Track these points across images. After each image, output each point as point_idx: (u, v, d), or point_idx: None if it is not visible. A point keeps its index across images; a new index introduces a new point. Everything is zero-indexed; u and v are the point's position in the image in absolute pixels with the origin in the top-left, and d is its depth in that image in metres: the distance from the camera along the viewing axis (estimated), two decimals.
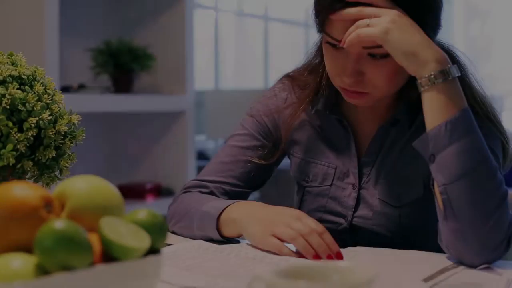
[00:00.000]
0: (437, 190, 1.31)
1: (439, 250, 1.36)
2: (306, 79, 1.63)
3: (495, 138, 1.45)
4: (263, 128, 1.64)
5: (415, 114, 1.50)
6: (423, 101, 1.33)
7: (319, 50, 1.57)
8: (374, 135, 1.54)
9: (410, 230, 1.51)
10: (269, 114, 1.64)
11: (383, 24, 1.32)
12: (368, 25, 1.33)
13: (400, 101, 1.52)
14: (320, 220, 1.57)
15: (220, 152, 1.65)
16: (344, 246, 1.44)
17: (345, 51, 1.40)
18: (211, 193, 1.60)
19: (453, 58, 1.49)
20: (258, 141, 1.63)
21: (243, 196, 1.62)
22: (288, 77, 1.68)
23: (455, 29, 8.07)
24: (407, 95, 1.49)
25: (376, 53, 1.37)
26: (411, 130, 1.51)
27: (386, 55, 1.36)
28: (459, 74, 1.33)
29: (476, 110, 1.45)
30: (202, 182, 1.62)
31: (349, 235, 1.55)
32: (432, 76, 1.30)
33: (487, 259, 1.27)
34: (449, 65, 1.32)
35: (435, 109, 1.31)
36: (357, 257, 1.35)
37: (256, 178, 1.63)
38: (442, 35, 1.55)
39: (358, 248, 1.41)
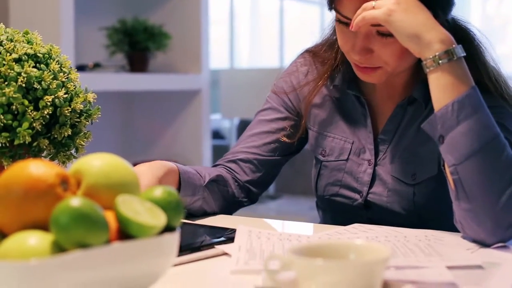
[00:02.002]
0: (448, 171, 1.31)
1: (453, 229, 1.35)
2: (325, 54, 1.66)
3: (510, 117, 1.45)
4: (285, 102, 1.68)
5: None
6: (429, 82, 1.33)
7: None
8: (391, 114, 1.55)
9: (424, 208, 1.51)
10: (292, 89, 1.68)
11: (387, 6, 1.32)
12: (373, 7, 1.33)
13: (417, 78, 1.52)
14: (336, 195, 1.59)
15: (247, 128, 1.70)
16: (358, 222, 1.46)
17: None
18: (234, 161, 1.65)
19: (468, 35, 1.50)
20: (281, 113, 1.67)
21: (269, 165, 1.66)
22: (309, 52, 1.71)
23: (471, 8, 8.01)
24: (424, 72, 1.49)
25: (384, 31, 1.38)
26: (427, 109, 1.51)
27: None
28: (464, 54, 1.31)
29: (489, 88, 1.45)
30: (229, 155, 1.67)
31: (364, 211, 1.56)
32: (437, 57, 1.30)
33: (502, 238, 1.26)
34: (453, 45, 1.31)
35: (441, 90, 1.30)
36: (372, 235, 1.34)
37: (279, 149, 1.66)
38: (458, 14, 1.54)
39: (373, 226, 1.41)
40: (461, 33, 1.49)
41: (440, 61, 1.30)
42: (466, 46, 1.40)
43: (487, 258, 1.18)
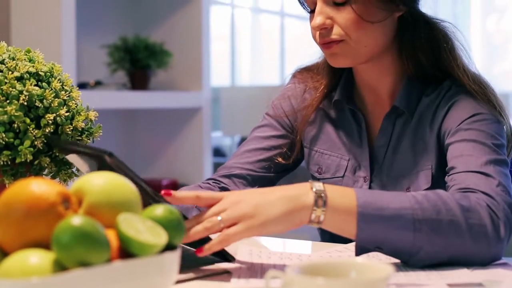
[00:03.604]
0: None
1: None
2: (321, 72, 1.67)
3: (492, 122, 1.44)
4: (282, 119, 1.69)
5: (415, 102, 1.54)
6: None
7: None
8: (380, 128, 1.57)
9: None
10: (290, 107, 1.69)
11: None
12: None
13: (400, 83, 1.56)
14: None
15: (243, 143, 1.70)
16: None
17: None
18: (228, 177, 1.63)
19: (437, 29, 1.54)
20: (278, 131, 1.68)
21: (262, 181, 1.64)
22: (306, 69, 1.73)
23: (471, 24, 8.03)
24: (405, 78, 1.54)
25: (338, 1, 1.46)
26: (414, 119, 1.54)
27: (346, 2, 1.45)
28: (322, 188, 1.21)
29: (460, 78, 1.49)
30: (223, 170, 1.65)
31: None
32: (314, 216, 1.19)
33: (492, 259, 1.24)
34: (311, 188, 1.21)
35: (341, 229, 1.23)
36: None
37: (273, 166, 1.66)
38: (458, 30, 1.55)
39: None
40: (429, 25, 1.54)
41: (321, 214, 1.19)
42: (433, 35, 1.51)
43: (488, 276, 1.18)
